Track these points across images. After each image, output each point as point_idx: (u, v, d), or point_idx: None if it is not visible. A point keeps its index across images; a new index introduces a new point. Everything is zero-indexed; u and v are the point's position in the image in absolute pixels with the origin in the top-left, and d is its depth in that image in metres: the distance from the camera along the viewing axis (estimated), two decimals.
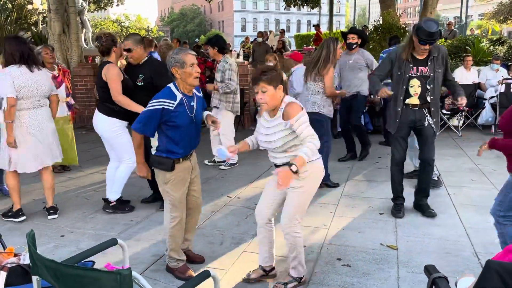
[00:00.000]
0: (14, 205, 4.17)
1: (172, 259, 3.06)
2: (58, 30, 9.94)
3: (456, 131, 8.10)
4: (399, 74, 3.91)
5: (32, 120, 4.03)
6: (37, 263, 1.75)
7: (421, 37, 3.66)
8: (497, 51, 11.09)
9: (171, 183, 2.93)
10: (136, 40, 4.06)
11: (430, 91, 3.89)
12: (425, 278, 2.91)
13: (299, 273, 2.91)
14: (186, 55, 2.83)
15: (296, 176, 2.58)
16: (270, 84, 2.63)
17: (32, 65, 3.99)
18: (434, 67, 3.86)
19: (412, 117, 3.96)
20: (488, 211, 3.07)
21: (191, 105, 2.91)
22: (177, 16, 66.68)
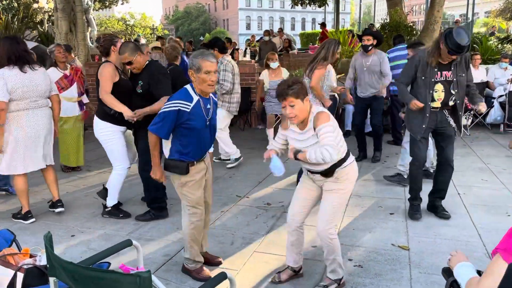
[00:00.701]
0: (22, 208, 4.18)
1: (189, 260, 3.06)
2: (65, 29, 9.95)
3: (464, 130, 8.05)
4: (423, 79, 3.84)
5: (28, 121, 3.98)
6: (55, 264, 1.75)
7: (451, 48, 3.58)
8: (505, 49, 11.02)
9: (187, 186, 2.91)
10: (131, 49, 3.84)
11: (454, 95, 3.85)
12: (438, 279, 2.92)
13: (338, 275, 2.88)
14: (204, 61, 2.74)
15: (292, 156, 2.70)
16: (298, 98, 2.62)
17: (24, 65, 3.91)
18: (457, 72, 3.82)
19: (433, 118, 3.91)
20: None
21: (207, 107, 2.89)
22: (181, 15, 66.68)
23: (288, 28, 63.88)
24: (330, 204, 2.78)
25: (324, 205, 2.81)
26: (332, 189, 2.78)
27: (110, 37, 4.17)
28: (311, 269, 3.16)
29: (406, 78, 4.01)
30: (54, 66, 5.42)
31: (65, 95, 5.39)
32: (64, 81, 5.43)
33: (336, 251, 2.83)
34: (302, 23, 67.58)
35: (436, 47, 3.76)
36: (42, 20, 19.05)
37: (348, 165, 2.78)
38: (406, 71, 4.04)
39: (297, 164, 2.94)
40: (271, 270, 3.15)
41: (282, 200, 4.65)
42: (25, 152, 4.02)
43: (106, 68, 3.97)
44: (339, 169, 2.76)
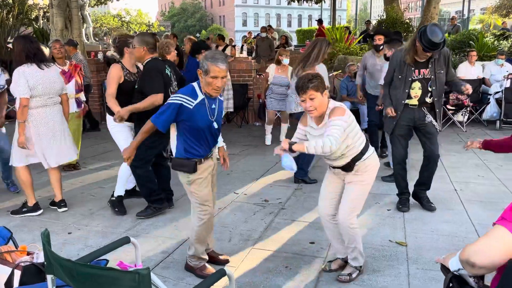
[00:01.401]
0: (29, 200, 4.21)
1: (193, 258, 3.04)
2: (61, 26, 9.91)
3: (460, 127, 8.08)
4: (400, 78, 3.92)
5: (45, 118, 4.07)
6: (52, 261, 1.73)
7: (425, 45, 3.63)
8: (501, 45, 11.03)
9: (195, 184, 2.89)
10: (139, 40, 3.93)
11: (431, 92, 3.92)
12: (435, 275, 2.93)
13: (359, 262, 2.98)
14: (213, 66, 2.67)
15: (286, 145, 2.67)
16: (318, 91, 2.68)
17: (40, 63, 4.00)
18: (435, 69, 3.85)
19: (411, 115, 3.97)
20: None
21: (212, 107, 2.85)
22: (177, 11, 66.43)
23: (284, 25, 63.81)
24: (351, 195, 2.86)
25: (345, 196, 2.89)
26: (352, 181, 2.87)
27: (125, 38, 4.21)
28: (309, 266, 3.16)
29: (388, 78, 4.12)
30: (52, 62, 5.36)
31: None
32: (62, 77, 5.37)
33: (357, 240, 2.92)
34: (298, 20, 67.53)
35: (412, 44, 3.81)
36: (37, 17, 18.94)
37: (367, 158, 2.84)
38: (388, 71, 4.15)
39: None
40: (269, 267, 3.15)
41: (280, 197, 4.65)
42: (42, 148, 4.09)
43: (112, 70, 4.07)
44: (359, 162, 2.82)
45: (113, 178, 5.41)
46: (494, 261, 1.45)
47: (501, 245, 1.44)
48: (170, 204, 4.32)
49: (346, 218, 2.85)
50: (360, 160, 2.81)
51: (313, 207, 4.33)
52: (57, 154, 4.18)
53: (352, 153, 2.79)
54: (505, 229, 1.46)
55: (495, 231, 1.50)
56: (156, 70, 3.90)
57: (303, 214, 4.15)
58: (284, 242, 3.56)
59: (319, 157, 2.86)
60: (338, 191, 2.98)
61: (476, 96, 8.51)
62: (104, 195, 4.78)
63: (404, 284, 2.89)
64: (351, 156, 2.79)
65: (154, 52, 3.98)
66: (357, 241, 2.92)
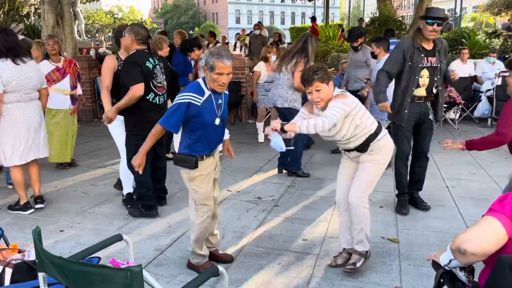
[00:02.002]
0: (21, 199, 4.18)
1: (195, 254, 3.02)
2: (52, 22, 9.81)
3: (452, 124, 8.14)
4: (410, 65, 3.85)
5: (21, 114, 4.01)
6: (44, 259, 1.72)
7: (429, 16, 3.70)
8: (493, 43, 11.12)
9: (196, 181, 2.87)
10: (129, 29, 3.89)
11: (437, 82, 3.90)
12: (427, 271, 2.95)
13: (364, 246, 2.98)
14: (219, 62, 2.65)
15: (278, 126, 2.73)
16: (323, 82, 2.75)
17: (16, 58, 3.92)
18: (440, 58, 3.89)
19: (418, 109, 3.93)
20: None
21: (218, 103, 2.84)
22: (170, 8, 66.13)
23: (278, 22, 63.80)
24: (364, 174, 2.92)
25: (359, 175, 2.94)
26: (367, 160, 2.91)
27: (122, 28, 4.17)
28: (302, 262, 3.17)
29: (392, 66, 3.93)
30: (46, 58, 5.32)
31: (57, 86, 5.32)
32: (56, 74, 5.33)
33: (365, 221, 2.94)
34: (292, 17, 67.49)
35: (417, 29, 3.87)
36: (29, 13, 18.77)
37: (381, 139, 2.89)
38: (393, 58, 3.96)
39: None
40: (261, 264, 3.15)
41: (273, 194, 4.66)
42: (15, 145, 4.03)
43: (106, 60, 4.07)
44: (373, 143, 2.88)
45: (105, 175, 5.40)
46: (484, 248, 1.50)
47: (491, 233, 1.51)
48: (162, 203, 4.28)
49: (358, 196, 2.89)
50: (374, 140, 2.87)
51: (306, 204, 4.35)
52: (30, 150, 4.12)
53: (365, 133, 2.85)
54: (494, 218, 1.53)
55: (484, 220, 1.55)
56: (131, 62, 3.77)
57: (296, 211, 4.16)
58: (277, 239, 3.57)
59: (311, 154, 2.86)
60: (349, 178, 3.03)
61: (468, 94, 8.58)
62: (96, 192, 4.76)
63: (396, 280, 2.91)
64: (365, 136, 2.85)
65: (143, 44, 3.87)
66: (365, 222, 2.94)
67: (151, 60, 3.90)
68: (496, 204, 1.58)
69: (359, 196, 2.90)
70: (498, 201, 1.59)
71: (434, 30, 3.73)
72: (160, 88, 3.97)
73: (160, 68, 4.02)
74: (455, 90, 8.19)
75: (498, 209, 1.55)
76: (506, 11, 26.44)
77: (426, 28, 3.75)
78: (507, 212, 1.53)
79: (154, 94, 3.90)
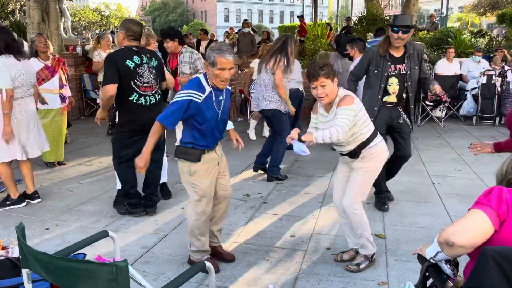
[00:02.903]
0: (11, 193, 4.16)
1: (195, 252, 2.99)
2: (37, 19, 9.66)
3: (438, 122, 8.23)
4: (376, 73, 3.90)
5: (25, 110, 4.07)
6: (28, 255, 1.70)
7: (394, 24, 3.76)
8: (478, 43, 11.27)
9: (196, 175, 2.85)
10: (121, 25, 3.82)
11: (407, 88, 3.94)
12: (413, 266, 2.98)
13: (368, 250, 3.00)
14: (221, 57, 2.64)
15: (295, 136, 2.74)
16: (328, 78, 2.75)
17: (18, 54, 3.96)
18: (410, 64, 3.91)
19: (388, 114, 3.97)
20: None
21: (219, 99, 2.82)
22: (158, 6, 65.71)
23: (266, 21, 63.80)
24: (355, 181, 2.93)
25: (350, 182, 2.96)
26: (358, 167, 2.93)
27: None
28: (290, 259, 3.18)
29: (358, 72, 4.07)
30: (35, 56, 5.21)
31: (46, 86, 5.22)
32: (45, 72, 5.24)
33: (363, 226, 2.96)
34: (280, 16, 67.56)
35: (386, 36, 3.94)
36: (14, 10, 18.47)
37: (373, 146, 2.91)
38: (359, 65, 4.09)
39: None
40: (250, 261, 3.16)
41: (261, 191, 4.66)
42: (21, 140, 4.07)
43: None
44: (364, 150, 2.89)
45: (92, 173, 5.35)
46: (471, 240, 1.52)
47: (478, 225, 1.54)
48: (150, 211, 4.02)
49: (349, 203, 2.93)
50: (366, 147, 2.89)
51: (294, 201, 4.36)
52: (34, 145, 4.17)
53: (358, 140, 2.86)
54: (480, 211, 1.56)
55: (471, 213, 1.58)
56: (109, 60, 3.64)
57: (284, 208, 4.17)
58: (265, 236, 3.57)
59: (297, 154, 2.87)
60: (345, 182, 3.06)
61: (453, 92, 8.68)
62: (82, 190, 4.72)
63: (383, 275, 2.94)
64: (357, 142, 2.86)
65: (134, 41, 3.74)
66: (363, 227, 2.96)
67: (136, 58, 3.69)
68: (482, 198, 1.61)
69: (350, 202, 2.93)
70: (484, 195, 1.62)
71: (400, 37, 3.77)
72: (147, 88, 3.74)
73: (149, 67, 3.77)
74: (441, 88, 8.27)
75: (485, 202, 1.58)
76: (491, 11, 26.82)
77: (392, 36, 3.81)
78: (493, 205, 1.56)
79: (138, 95, 3.70)
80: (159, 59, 3.95)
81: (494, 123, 8.09)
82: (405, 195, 4.46)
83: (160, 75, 3.92)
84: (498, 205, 1.55)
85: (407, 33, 3.77)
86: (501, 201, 1.56)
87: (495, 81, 8.00)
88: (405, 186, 4.73)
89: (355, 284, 2.84)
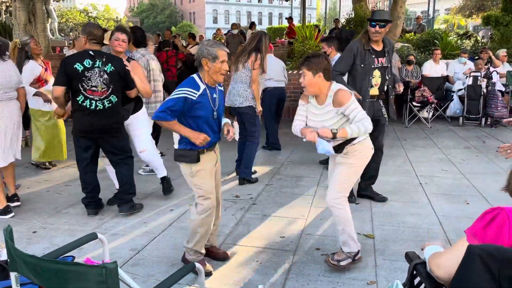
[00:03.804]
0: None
1: (191, 251, 2.98)
2: (24, 20, 9.58)
3: (425, 123, 8.33)
4: (363, 66, 3.99)
5: (7, 112, 3.96)
6: (15, 258, 1.69)
7: (371, 18, 3.91)
8: (464, 44, 11.42)
9: (198, 175, 2.86)
10: (82, 29, 3.90)
11: (388, 81, 4.08)
12: (401, 265, 3.01)
13: (350, 248, 2.99)
14: (221, 50, 2.76)
15: (330, 134, 2.76)
16: (309, 70, 2.79)
17: (2, 55, 3.89)
18: (390, 58, 4.08)
19: (371, 108, 4.05)
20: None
21: (213, 97, 2.86)
22: (146, 7, 65.35)
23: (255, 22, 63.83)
24: (338, 176, 2.95)
25: (333, 177, 2.99)
26: (341, 162, 2.96)
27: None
28: (279, 259, 3.19)
29: (343, 67, 4.08)
30: (31, 59, 5.08)
31: (47, 88, 5.14)
32: (46, 74, 5.20)
33: (344, 222, 2.95)
34: (269, 18, 67.69)
35: (364, 32, 4.07)
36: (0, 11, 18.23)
37: (357, 143, 2.93)
38: (343, 60, 4.10)
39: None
40: (240, 262, 3.16)
41: (251, 192, 4.66)
42: (8, 143, 4.01)
43: None
44: (348, 146, 2.92)
45: None
46: (450, 276, 1.49)
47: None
48: (121, 209, 4.01)
49: (331, 198, 2.95)
50: (350, 143, 2.91)
51: (284, 202, 4.37)
52: (8, 152, 4.06)
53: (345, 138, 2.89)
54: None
55: (461, 247, 1.50)
56: (61, 63, 3.76)
57: (274, 209, 4.18)
58: (254, 237, 3.58)
59: (291, 151, 2.89)
60: None
61: (440, 93, 8.79)
62: (70, 193, 4.67)
63: (371, 275, 2.96)
64: (342, 139, 2.88)
65: (96, 44, 3.78)
66: (345, 223, 2.96)
67: (88, 61, 3.68)
68: (479, 229, 1.52)
69: (332, 197, 2.95)
70: (483, 225, 1.52)
71: (377, 31, 3.92)
72: (94, 92, 3.71)
73: (101, 71, 3.71)
74: (428, 89, 8.38)
75: (479, 237, 1.50)
76: (477, 13, 27.20)
77: (370, 30, 3.95)
78: (488, 239, 1.48)
79: (84, 97, 3.71)
80: (118, 65, 3.81)
81: (480, 123, 8.21)
82: (393, 195, 4.51)
83: (116, 82, 3.81)
84: (495, 241, 1.47)
85: (384, 28, 3.92)
86: (500, 235, 1.47)
87: (480, 82, 8.11)
88: (393, 186, 4.78)
89: (344, 284, 2.86)
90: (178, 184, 4.69)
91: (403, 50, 10.20)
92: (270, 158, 6.09)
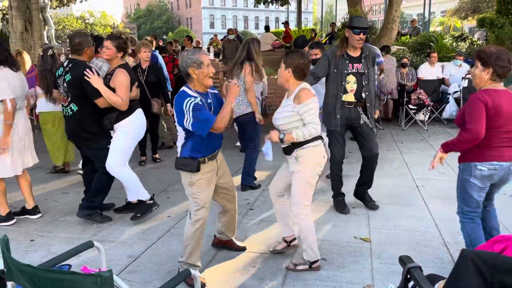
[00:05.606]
0: (1, 209, 4.03)
1: (185, 265, 2.95)
2: (20, 28, 9.61)
3: (422, 125, 8.36)
4: (336, 72, 4.02)
5: (20, 121, 3.98)
6: (12, 268, 1.70)
7: (355, 26, 3.93)
8: (460, 47, 11.48)
9: (196, 185, 2.87)
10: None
11: (365, 87, 4.03)
12: (398, 269, 3.02)
13: (308, 256, 3.06)
14: (203, 55, 2.81)
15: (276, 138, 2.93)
16: (284, 63, 3.00)
17: (12, 66, 3.90)
18: (367, 64, 4.05)
19: (347, 115, 4.05)
20: (455, 203, 3.19)
21: (208, 102, 2.88)
22: (143, 13, 65.45)
23: (252, 27, 64.05)
24: (294, 187, 3.04)
25: (292, 189, 3.08)
26: (293, 171, 3.03)
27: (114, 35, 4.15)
28: (276, 264, 3.20)
29: (320, 70, 4.11)
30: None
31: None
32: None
33: (305, 232, 3.03)
34: (266, 22, 67.76)
35: (343, 38, 4.09)
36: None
37: (307, 148, 2.96)
38: (319, 64, 4.17)
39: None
40: (237, 267, 3.18)
41: (248, 197, 4.68)
42: (18, 153, 4.00)
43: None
44: (298, 149, 2.97)
45: (77, 183, 5.30)
46: None
47: None
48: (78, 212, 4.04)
49: (295, 207, 3.04)
50: (300, 147, 2.96)
51: None
52: (27, 157, 4.10)
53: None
54: None
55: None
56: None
57: (270, 214, 4.19)
58: (251, 242, 3.59)
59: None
60: (284, 174, 3.19)
61: (436, 96, 8.84)
62: (67, 200, 4.68)
63: (368, 279, 2.98)
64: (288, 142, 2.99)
65: (74, 53, 3.91)
66: (305, 233, 3.02)
67: (61, 69, 3.96)
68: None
69: (294, 207, 3.06)
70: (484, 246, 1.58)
71: (361, 38, 3.96)
72: (63, 99, 3.95)
73: (63, 80, 3.86)
74: (424, 92, 8.42)
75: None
76: (473, 15, 27.34)
77: (353, 38, 3.95)
78: None
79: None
80: (76, 74, 3.78)
81: None
82: (389, 198, 4.53)
83: (73, 90, 3.83)
84: None
85: (366, 34, 4.01)
86: None
87: None
88: (389, 190, 4.80)
89: (341, 287, 2.87)
90: (175, 191, 4.70)
91: (399, 53, 10.27)
92: (267, 163, 6.09)
